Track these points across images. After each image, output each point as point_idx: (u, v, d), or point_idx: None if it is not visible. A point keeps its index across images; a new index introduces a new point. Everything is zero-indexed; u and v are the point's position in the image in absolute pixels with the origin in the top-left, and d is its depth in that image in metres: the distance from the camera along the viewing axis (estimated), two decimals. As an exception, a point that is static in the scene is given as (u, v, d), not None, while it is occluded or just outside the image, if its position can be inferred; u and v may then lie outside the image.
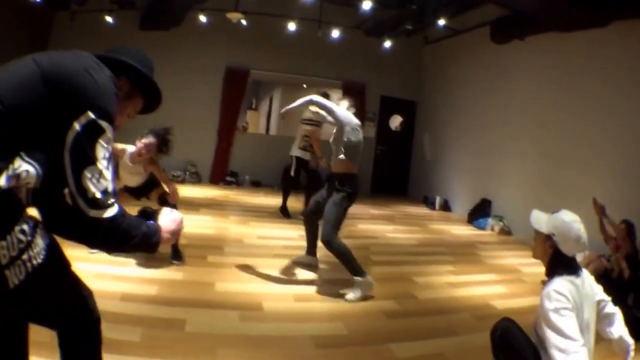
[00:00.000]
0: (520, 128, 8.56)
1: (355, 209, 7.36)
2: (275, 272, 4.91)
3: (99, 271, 3.89)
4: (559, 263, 2.43)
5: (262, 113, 17.63)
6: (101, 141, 1.42)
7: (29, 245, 1.38)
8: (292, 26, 9.97)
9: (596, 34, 6.71)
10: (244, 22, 9.82)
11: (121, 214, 1.46)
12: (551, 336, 2.21)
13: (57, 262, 1.57)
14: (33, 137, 1.35)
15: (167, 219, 1.69)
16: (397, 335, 3.64)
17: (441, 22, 8.75)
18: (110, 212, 1.42)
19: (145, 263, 4.59)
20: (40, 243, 1.44)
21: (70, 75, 1.40)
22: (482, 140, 9.65)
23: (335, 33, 10.25)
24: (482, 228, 8.71)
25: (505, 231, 8.35)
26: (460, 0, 8.59)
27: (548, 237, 2.47)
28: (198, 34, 10.31)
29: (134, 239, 1.50)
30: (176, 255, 4.78)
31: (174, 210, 1.76)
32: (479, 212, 9.11)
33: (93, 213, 1.38)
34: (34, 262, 1.40)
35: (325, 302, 4.25)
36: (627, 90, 6.41)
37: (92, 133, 1.39)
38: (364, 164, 12.05)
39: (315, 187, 6.33)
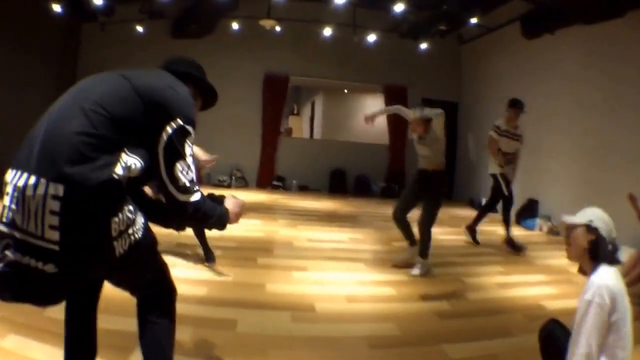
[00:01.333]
0: (563, 124, 8.47)
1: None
2: (326, 274, 4.99)
3: None
4: (604, 249, 2.37)
5: (304, 118, 17.81)
6: (188, 141, 1.81)
7: (133, 222, 1.73)
8: (327, 31, 10.13)
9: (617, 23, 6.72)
10: (277, 28, 9.95)
11: (203, 199, 1.88)
12: (577, 327, 2.25)
13: (150, 238, 1.88)
14: (134, 138, 1.70)
15: (232, 203, 2.13)
16: (450, 336, 3.67)
17: (473, 20, 8.72)
18: (196, 197, 1.83)
19: (194, 265, 4.73)
20: (139, 221, 1.78)
21: (160, 91, 1.79)
22: (526, 138, 9.50)
23: (371, 37, 10.37)
24: (530, 228, 8.61)
25: (554, 231, 8.23)
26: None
27: (587, 227, 2.42)
28: (231, 41, 10.42)
29: (212, 219, 1.96)
30: (209, 257, 4.88)
31: (236, 196, 2.18)
32: (527, 213, 9.02)
33: (182, 197, 1.79)
34: (135, 236, 1.74)
35: (377, 303, 4.31)
36: None
37: (181, 135, 1.78)
38: (412, 165, 12.06)
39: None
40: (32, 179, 1.56)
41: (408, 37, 10.93)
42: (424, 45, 10.76)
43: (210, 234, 5.65)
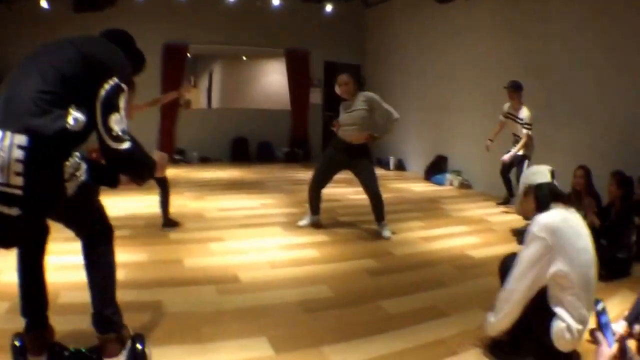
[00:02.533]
0: (469, 82, 8.58)
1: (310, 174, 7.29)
2: (244, 242, 4.72)
3: (63, 262, 3.44)
4: (545, 200, 2.51)
5: (201, 89, 17.07)
6: (122, 97, 2.02)
7: (79, 166, 2.02)
8: None
9: None
10: None
11: (134, 146, 2.05)
12: (519, 256, 2.42)
13: (92, 183, 2.15)
14: (79, 95, 1.94)
15: (158, 156, 2.48)
16: (385, 292, 3.53)
17: None
18: (127, 145, 2.01)
19: None
20: (84, 166, 2.07)
21: (100, 54, 2.07)
22: (432, 98, 9.64)
23: (275, 1, 10.01)
24: (441, 184, 8.75)
25: (465, 184, 8.42)
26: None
27: (527, 191, 2.61)
28: (134, 11, 9.78)
29: (142, 164, 2.19)
30: (169, 222, 5.07)
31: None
32: (435, 169, 9.17)
33: (115, 145, 1.98)
34: (81, 178, 2.04)
35: (302, 266, 4.09)
36: (573, 43, 6.54)
37: (117, 91, 2.00)
38: (315, 130, 11.96)
39: None
40: None
41: (312, 1, 10.69)
42: (328, 8, 10.57)
43: (118, 212, 5.35)
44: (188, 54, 11.02)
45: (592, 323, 2.51)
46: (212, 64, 16.06)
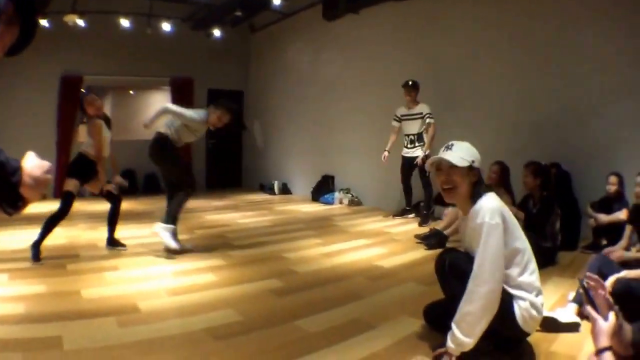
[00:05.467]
0: (351, 101, 8.65)
1: (196, 203, 6.78)
2: (140, 270, 4.24)
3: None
4: (481, 184, 2.43)
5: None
6: None
7: None
8: (125, 22, 9.44)
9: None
10: (81, 23, 9.05)
11: None
12: (482, 251, 2.20)
13: None
14: None
15: (32, 161, 1.29)
16: (298, 311, 3.17)
17: (276, 1, 8.40)
18: None
19: (7, 281, 3.84)
20: None
21: None
22: (315, 119, 9.60)
23: (166, 27, 9.88)
24: (330, 203, 8.60)
25: (355, 202, 8.33)
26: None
27: (470, 167, 2.39)
28: (37, 41, 8.75)
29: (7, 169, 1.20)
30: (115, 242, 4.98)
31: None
32: (323, 189, 9.03)
33: None
34: None
35: (203, 291, 3.63)
36: (479, 45, 6.70)
37: None
38: (199, 158, 11.40)
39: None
40: None
41: (200, 27, 10.47)
42: (217, 33, 10.40)
43: (15, 245, 4.95)
44: (82, 88, 10.17)
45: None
46: (104, 96, 15.24)
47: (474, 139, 2.67)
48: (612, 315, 1.59)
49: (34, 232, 4.60)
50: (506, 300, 2.23)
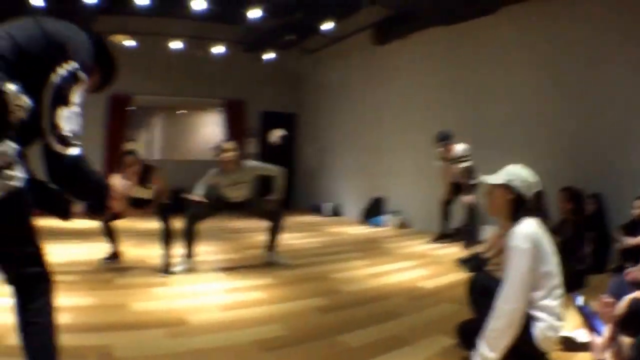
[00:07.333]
0: (400, 124, 8.84)
1: (249, 223, 7.04)
2: (188, 287, 4.48)
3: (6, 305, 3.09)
4: (522, 205, 2.52)
5: (142, 142, 16.75)
6: (78, 89, 1.68)
7: (12, 164, 1.57)
8: (177, 45, 9.86)
9: (485, 21, 7.18)
10: (131, 43, 9.48)
11: (82, 156, 1.68)
12: (511, 272, 2.37)
13: (30, 200, 1.71)
14: (29, 75, 1.59)
15: (118, 183, 1.92)
16: (341, 327, 3.37)
17: (326, 26, 8.73)
18: (75, 151, 1.64)
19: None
20: (20, 173, 1.61)
21: (63, 33, 1.73)
22: (366, 140, 9.81)
23: (219, 49, 10.22)
24: (379, 225, 8.77)
25: (404, 224, 8.49)
26: (343, 4, 8.55)
27: (505, 186, 2.54)
28: None
29: (91, 182, 1.76)
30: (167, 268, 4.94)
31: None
32: (373, 211, 9.21)
33: (58, 148, 1.60)
34: (14, 183, 1.58)
35: (252, 307, 3.86)
36: (516, 71, 6.85)
37: (73, 79, 1.66)
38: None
39: None
40: None
41: (253, 50, 10.80)
42: (270, 56, 10.74)
43: (60, 259, 5.08)
44: (132, 107, 10.74)
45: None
46: (153, 116, 15.90)
47: (508, 162, 2.84)
48: (605, 330, 1.74)
49: (79, 246, 5.11)
50: (526, 319, 2.37)
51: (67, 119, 1.62)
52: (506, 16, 6.95)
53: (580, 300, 2.65)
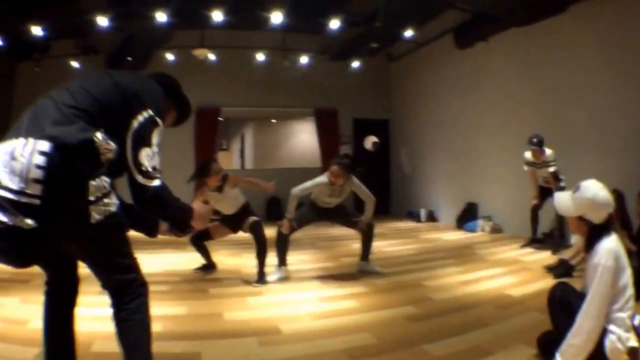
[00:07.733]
0: (494, 126, 8.74)
1: (344, 231, 7.32)
2: (283, 296, 4.78)
3: (98, 314, 3.43)
4: (598, 233, 2.60)
5: (234, 152, 17.54)
6: (156, 131, 1.99)
7: (108, 194, 1.88)
8: (260, 57, 10.10)
9: (556, 21, 7.04)
10: (211, 57, 9.83)
11: (164, 186, 2.02)
12: (594, 290, 2.45)
13: (123, 219, 2.02)
14: (111, 124, 1.88)
15: (200, 206, 2.28)
16: (428, 336, 3.54)
17: (407, 33, 8.89)
18: (156, 182, 1.97)
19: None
20: (114, 199, 1.93)
21: (136, 85, 2.03)
22: (459, 146, 9.79)
23: (304, 59, 10.42)
24: (473, 231, 8.75)
25: (496, 229, 8.42)
26: (421, 10, 8.71)
27: (580, 218, 2.65)
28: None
29: (172, 208, 2.10)
30: (261, 278, 5.16)
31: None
32: (467, 216, 9.19)
33: (143, 181, 1.93)
34: (110, 209, 1.88)
35: (343, 316, 4.10)
36: (596, 69, 6.65)
37: (151, 124, 1.97)
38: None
39: None
40: (21, 140, 1.73)
41: (338, 59, 11.02)
42: (355, 64, 10.90)
43: (154, 269, 5.57)
44: (220, 118, 11.34)
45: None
46: (243, 126, 16.56)
47: (589, 163, 2.87)
48: None
49: (176, 256, 5.66)
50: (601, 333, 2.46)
51: (149, 157, 1.93)
52: (577, 14, 6.82)
53: (637, 319, 2.66)
